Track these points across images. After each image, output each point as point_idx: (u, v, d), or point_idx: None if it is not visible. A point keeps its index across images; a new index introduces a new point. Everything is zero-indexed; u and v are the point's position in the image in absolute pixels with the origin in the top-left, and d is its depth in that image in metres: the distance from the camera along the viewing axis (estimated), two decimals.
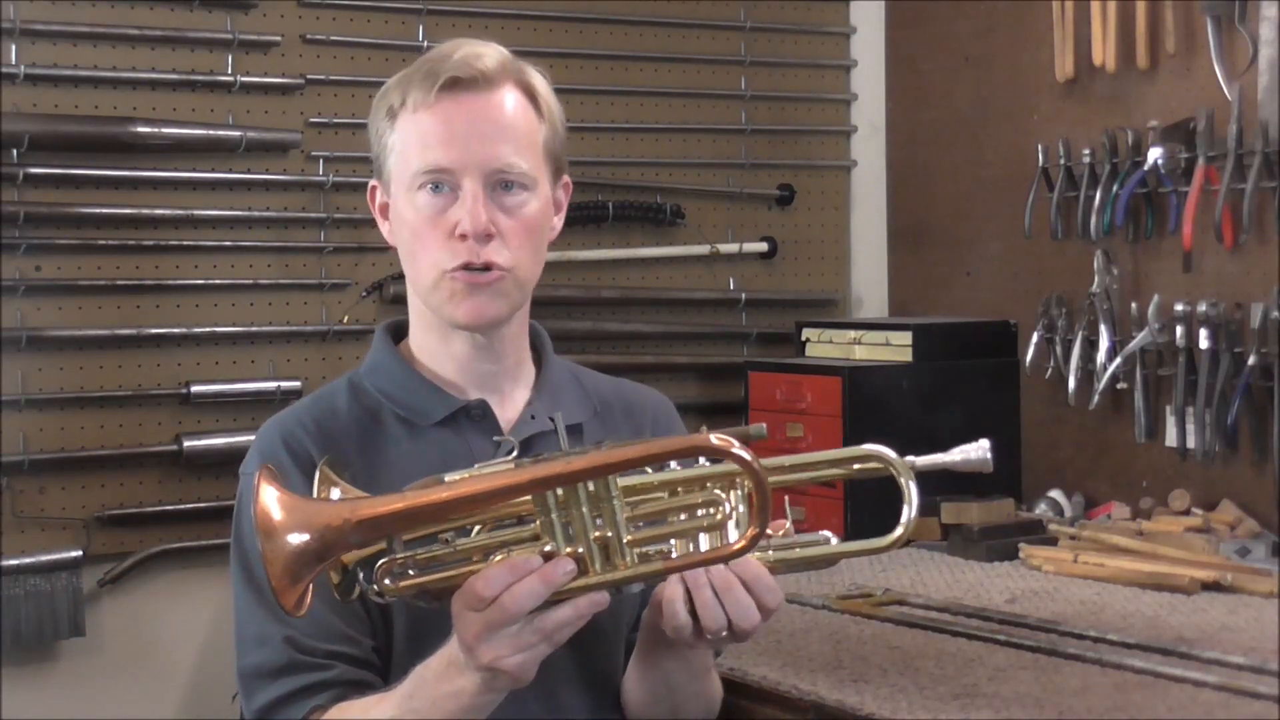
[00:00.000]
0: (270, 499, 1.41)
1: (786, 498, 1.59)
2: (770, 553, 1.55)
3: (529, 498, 1.44)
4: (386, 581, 1.44)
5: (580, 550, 1.42)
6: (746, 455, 1.39)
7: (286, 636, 1.61)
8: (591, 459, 1.39)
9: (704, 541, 1.47)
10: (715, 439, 1.40)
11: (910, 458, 1.55)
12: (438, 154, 1.67)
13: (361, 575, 1.46)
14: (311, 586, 1.43)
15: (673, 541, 1.46)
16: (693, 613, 1.52)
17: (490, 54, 1.70)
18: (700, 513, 1.47)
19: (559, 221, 1.80)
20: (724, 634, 1.52)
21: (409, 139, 1.69)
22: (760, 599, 1.52)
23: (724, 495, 1.46)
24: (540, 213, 1.72)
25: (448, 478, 1.46)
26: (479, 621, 1.41)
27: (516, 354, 1.80)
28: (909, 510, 1.55)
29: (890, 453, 1.56)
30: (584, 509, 1.42)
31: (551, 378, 1.82)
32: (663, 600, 1.54)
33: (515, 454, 1.47)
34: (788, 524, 1.58)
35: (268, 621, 1.63)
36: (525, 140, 1.70)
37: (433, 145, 1.67)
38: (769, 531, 1.55)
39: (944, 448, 1.62)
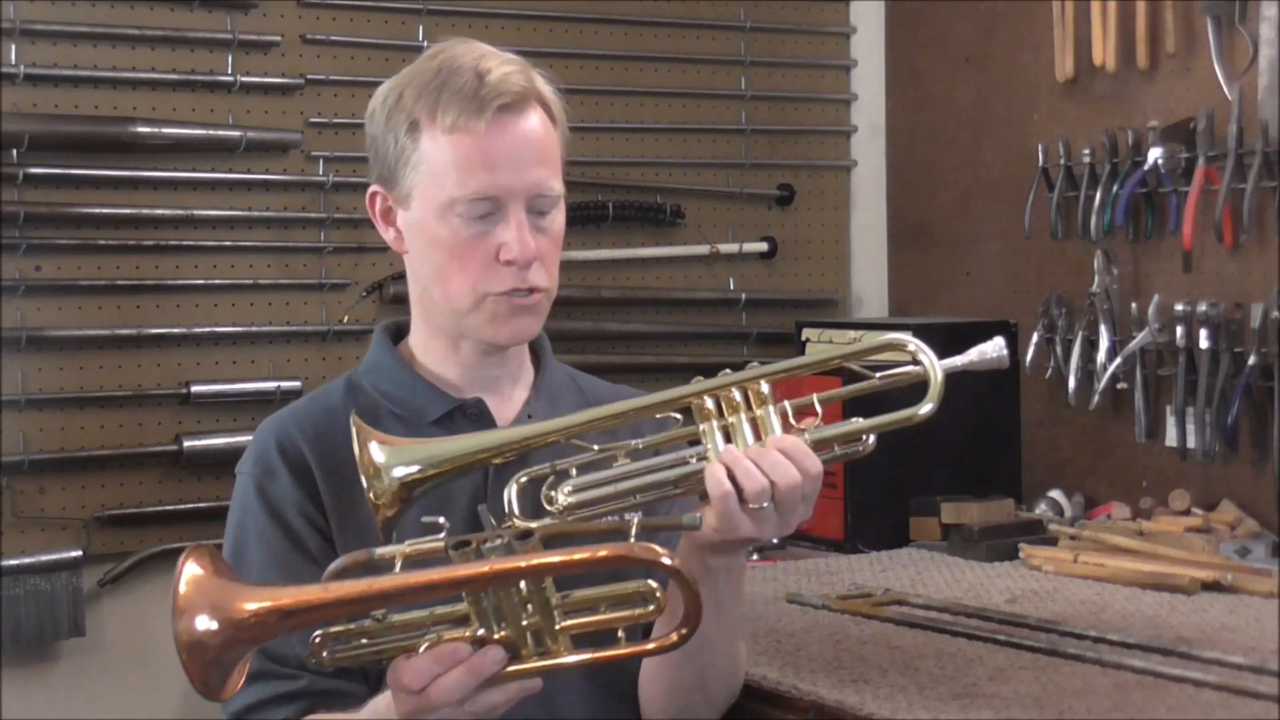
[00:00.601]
0: (190, 579, 1.39)
1: (815, 398, 1.60)
2: (805, 435, 1.56)
3: None
4: (324, 654, 1.45)
5: (511, 635, 1.43)
6: (673, 564, 1.41)
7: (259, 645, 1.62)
8: (515, 562, 1.40)
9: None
10: (640, 550, 1.42)
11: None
12: (485, 181, 1.66)
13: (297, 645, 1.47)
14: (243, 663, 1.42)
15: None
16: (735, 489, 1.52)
17: (515, 72, 1.69)
18: (635, 605, 1.48)
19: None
20: (767, 504, 1.51)
21: (444, 160, 1.67)
22: (799, 463, 1.53)
23: (657, 587, 1.47)
24: (563, 224, 1.74)
25: (378, 552, 1.46)
26: (409, 703, 1.43)
27: (519, 356, 1.82)
28: (935, 381, 1.57)
29: (907, 336, 1.60)
30: (514, 599, 1.42)
31: (550, 379, 1.83)
32: (705, 482, 1.54)
33: (445, 534, 1.47)
34: (817, 420, 1.59)
35: None
36: (554, 158, 1.72)
37: (478, 171, 1.66)
38: (800, 427, 1.57)
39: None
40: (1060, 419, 3.15)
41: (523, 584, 1.41)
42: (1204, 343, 2.78)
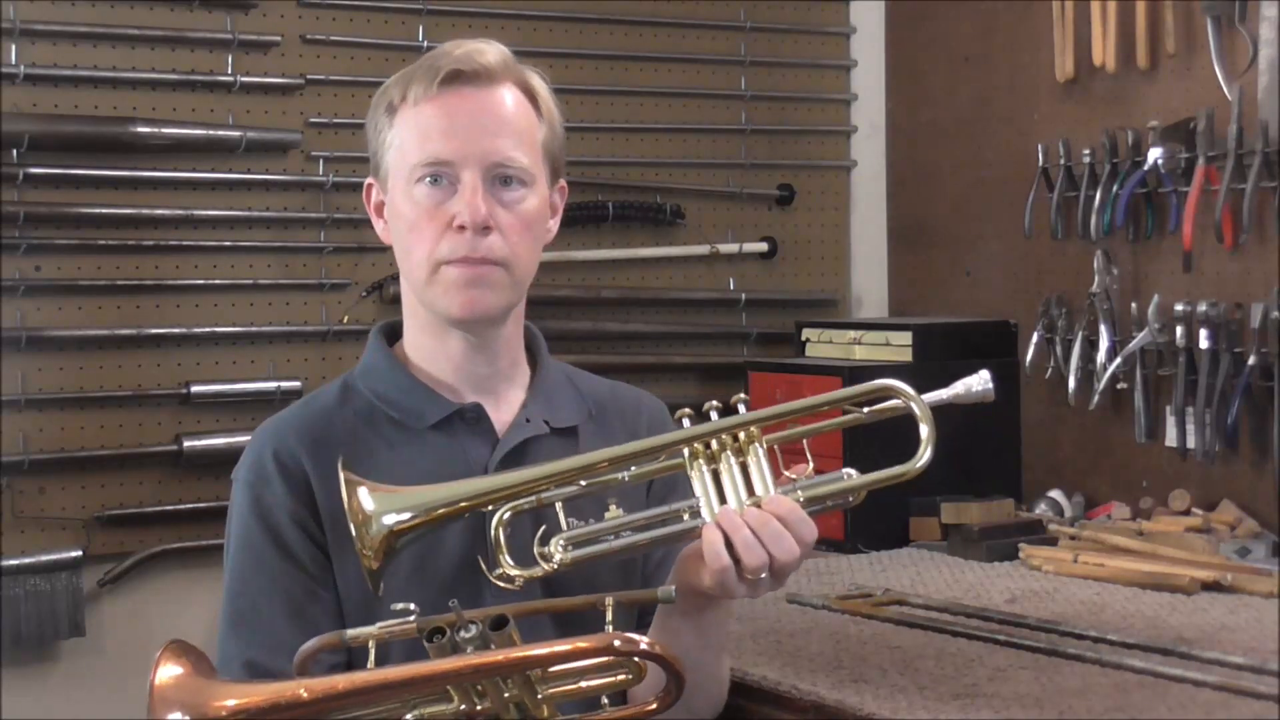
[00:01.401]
0: (167, 674, 1.40)
1: (806, 443, 1.65)
2: (799, 493, 1.58)
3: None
4: None
5: (494, 707, 1.45)
6: (651, 649, 1.44)
7: (246, 660, 1.62)
8: (494, 657, 1.42)
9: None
10: (622, 642, 1.45)
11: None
12: (438, 146, 1.67)
13: None
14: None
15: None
16: (733, 560, 1.54)
17: (492, 51, 1.72)
18: (616, 673, 1.50)
19: (555, 224, 1.80)
20: (764, 575, 1.54)
21: (408, 132, 1.70)
22: (796, 532, 1.56)
23: (642, 662, 1.49)
24: (537, 210, 1.73)
25: (349, 634, 1.48)
26: None
27: (511, 355, 1.80)
28: (927, 435, 1.60)
29: (899, 383, 1.62)
30: (496, 678, 1.45)
31: (546, 380, 1.82)
32: (702, 549, 1.56)
33: (415, 618, 1.47)
34: (809, 468, 1.61)
35: (230, 639, 1.64)
36: (525, 136, 1.71)
37: (433, 137, 1.68)
38: (792, 475, 1.60)
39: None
40: (1060, 419, 3.15)
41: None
42: (1204, 343, 2.78)
